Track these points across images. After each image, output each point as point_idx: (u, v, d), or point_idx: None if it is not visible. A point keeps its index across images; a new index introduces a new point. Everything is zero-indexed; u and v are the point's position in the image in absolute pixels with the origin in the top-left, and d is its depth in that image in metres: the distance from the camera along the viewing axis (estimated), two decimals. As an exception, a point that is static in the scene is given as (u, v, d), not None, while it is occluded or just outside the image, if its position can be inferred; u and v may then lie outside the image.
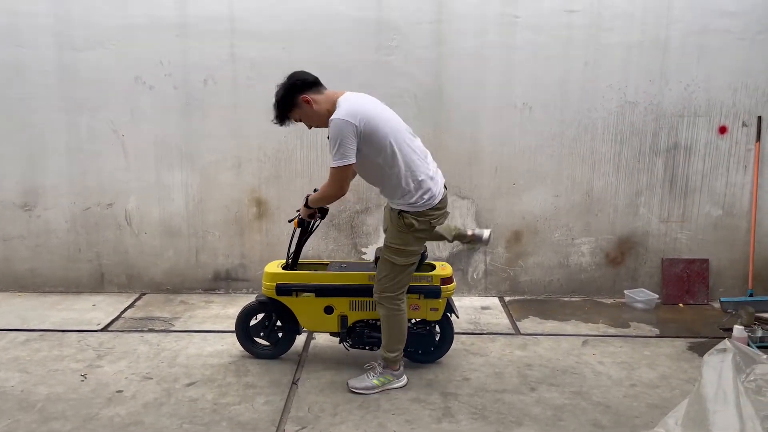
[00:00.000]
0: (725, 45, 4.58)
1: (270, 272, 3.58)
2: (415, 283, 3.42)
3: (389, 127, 3.01)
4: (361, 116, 2.93)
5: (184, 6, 4.59)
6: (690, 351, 3.89)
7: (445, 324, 3.60)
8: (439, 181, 3.18)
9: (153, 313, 4.52)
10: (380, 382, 3.32)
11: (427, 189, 3.10)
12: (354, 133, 2.91)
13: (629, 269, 4.93)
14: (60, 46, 4.64)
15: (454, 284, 3.55)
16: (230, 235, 4.92)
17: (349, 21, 4.59)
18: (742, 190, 4.78)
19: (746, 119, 4.69)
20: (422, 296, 3.47)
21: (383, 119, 3.01)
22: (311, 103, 3.05)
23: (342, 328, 3.57)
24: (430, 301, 3.48)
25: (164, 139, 4.79)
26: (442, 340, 3.63)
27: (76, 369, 3.56)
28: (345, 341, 3.61)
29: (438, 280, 3.47)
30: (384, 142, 2.99)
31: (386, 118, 3.05)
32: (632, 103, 4.68)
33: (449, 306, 3.56)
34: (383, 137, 2.98)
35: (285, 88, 3.08)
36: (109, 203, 4.88)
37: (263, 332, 3.69)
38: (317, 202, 3.28)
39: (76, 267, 4.97)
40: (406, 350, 3.54)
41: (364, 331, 3.56)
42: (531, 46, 4.61)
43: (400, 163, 3.03)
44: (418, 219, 3.12)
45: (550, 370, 3.59)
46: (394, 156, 3.02)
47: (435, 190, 3.13)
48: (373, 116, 2.96)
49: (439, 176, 3.21)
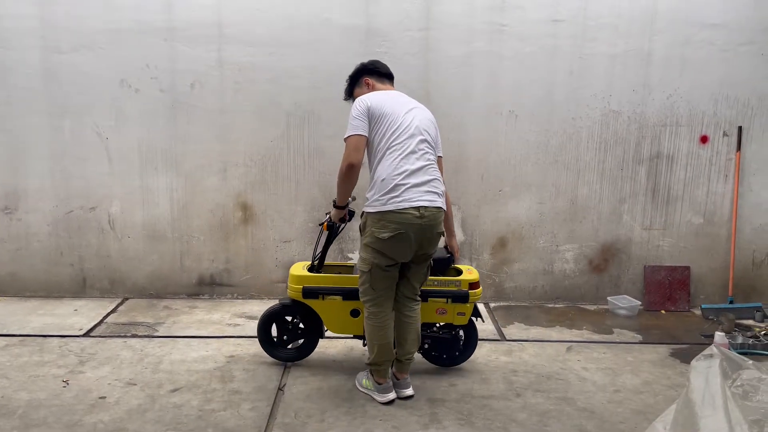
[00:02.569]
0: (708, 56, 4.67)
1: (296, 275, 3.55)
2: (442, 288, 3.44)
3: (392, 121, 3.06)
4: (374, 101, 3.09)
5: (172, 10, 4.57)
6: (672, 357, 3.94)
7: (470, 328, 3.61)
8: (412, 198, 3.01)
9: (136, 318, 4.47)
10: (366, 385, 3.35)
11: (387, 192, 3.01)
12: (363, 111, 3.06)
13: (612, 276, 4.98)
14: (45, 49, 4.60)
15: (481, 289, 3.56)
16: (215, 239, 4.89)
17: (338, 28, 4.60)
18: (723, 198, 4.86)
19: (727, 129, 4.78)
20: (450, 300, 3.46)
21: (391, 112, 3.08)
22: (370, 86, 3.29)
23: None
24: (458, 306, 3.47)
25: (149, 143, 4.75)
26: (467, 345, 3.64)
27: (57, 375, 3.50)
28: None
29: (466, 284, 3.47)
30: (381, 131, 3.06)
31: (395, 113, 3.09)
32: (616, 112, 4.75)
33: (475, 310, 3.57)
34: (382, 127, 3.06)
35: (358, 67, 3.34)
36: (92, 207, 4.82)
37: (286, 335, 3.67)
38: (338, 189, 3.19)
39: (58, 271, 4.90)
40: (432, 354, 3.56)
41: None
42: (517, 55, 4.66)
43: (384, 157, 3.04)
44: (367, 221, 3.10)
45: (535, 376, 3.62)
46: (383, 149, 3.05)
47: (397, 200, 2.99)
48: (383, 105, 3.09)
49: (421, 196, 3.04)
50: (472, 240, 4.92)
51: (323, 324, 3.59)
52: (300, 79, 4.66)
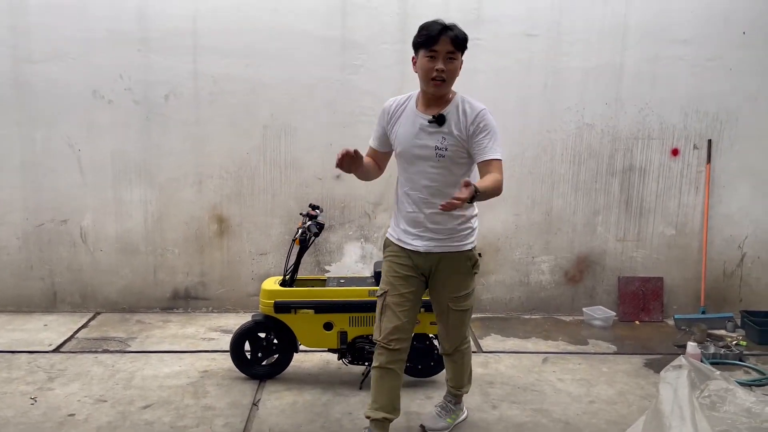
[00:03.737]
0: (677, 71, 4.76)
1: (268, 289, 3.52)
2: None
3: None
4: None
5: (146, 20, 4.53)
6: (646, 367, 3.98)
7: None
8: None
9: (108, 333, 4.39)
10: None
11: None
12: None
13: (587, 287, 5.03)
14: (15, 59, 4.53)
15: None
16: (190, 252, 4.84)
17: (315, 39, 4.60)
18: (694, 210, 4.94)
19: (697, 142, 4.87)
20: (423, 310, 3.45)
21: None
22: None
23: (342, 345, 3.52)
24: (430, 315, 3.46)
25: (123, 155, 4.69)
26: None
27: (25, 392, 3.42)
28: (344, 357, 3.56)
29: None
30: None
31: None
32: (589, 125, 4.81)
33: None
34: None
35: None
36: (64, 219, 4.74)
37: (260, 352, 3.62)
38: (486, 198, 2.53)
39: (28, 285, 4.80)
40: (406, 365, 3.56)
41: (364, 347, 3.50)
42: (492, 68, 4.71)
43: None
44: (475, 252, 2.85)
45: (511, 387, 3.62)
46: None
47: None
48: None
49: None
50: (449, 252, 4.93)
51: (297, 338, 3.56)
52: (276, 91, 4.65)
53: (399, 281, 2.75)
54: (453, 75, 2.61)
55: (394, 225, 2.83)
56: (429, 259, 2.74)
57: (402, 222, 2.77)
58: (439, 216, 2.65)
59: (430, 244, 2.72)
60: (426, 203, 2.68)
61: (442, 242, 2.72)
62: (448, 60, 2.57)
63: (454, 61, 2.58)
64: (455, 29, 2.56)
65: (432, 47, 2.54)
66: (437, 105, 2.66)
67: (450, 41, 2.53)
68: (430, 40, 2.53)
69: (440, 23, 2.55)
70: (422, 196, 2.68)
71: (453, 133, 2.61)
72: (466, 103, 2.66)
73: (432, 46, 2.54)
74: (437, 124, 2.61)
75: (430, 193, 2.66)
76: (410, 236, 2.74)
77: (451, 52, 2.55)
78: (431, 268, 2.76)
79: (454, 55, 2.57)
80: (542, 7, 4.66)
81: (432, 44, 2.53)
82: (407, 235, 2.75)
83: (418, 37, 2.59)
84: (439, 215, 2.64)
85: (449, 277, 2.77)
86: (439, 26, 2.54)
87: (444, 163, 2.62)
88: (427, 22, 2.59)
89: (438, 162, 2.62)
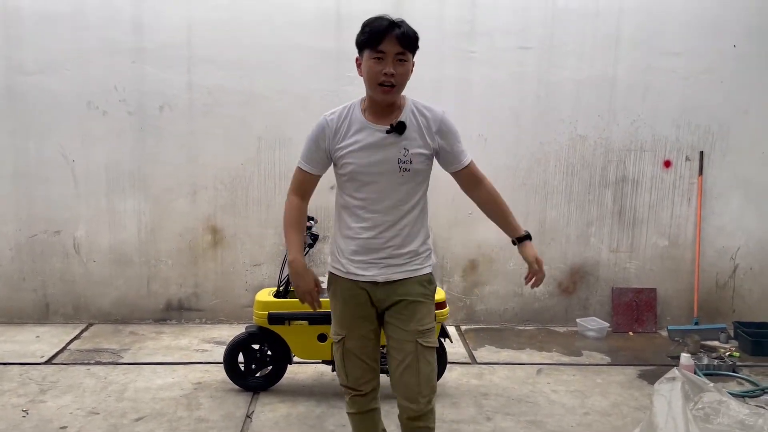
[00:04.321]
0: (669, 84, 4.80)
1: (261, 301, 3.51)
2: None
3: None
4: None
5: (141, 31, 4.55)
6: (640, 379, 3.98)
7: (438, 349, 3.58)
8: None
9: (100, 344, 4.36)
10: None
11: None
12: None
13: (581, 298, 5.04)
14: (9, 69, 4.53)
15: (448, 309, 3.54)
16: (183, 263, 4.82)
17: (309, 51, 4.62)
18: (687, 221, 4.97)
19: (689, 154, 4.90)
20: None
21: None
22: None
23: None
24: None
25: (117, 166, 4.69)
26: None
27: (17, 404, 3.39)
28: None
29: None
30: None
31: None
32: (582, 137, 4.84)
33: (443, 331, 3.53)
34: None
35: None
36: (57, 230, 4.72)
37: (254, 364, 3.61)
38: None
39: (20, 297, 4.77)
40: None
41: None
42: (486, 81, 4.74)
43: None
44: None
45: (505, 399, 3.62)
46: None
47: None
48: None
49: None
50: (443, 263, 4.93)
51: (291, 350, 3.55)
52: (271, 102, 4.66)
53: (356, 322, 2.37)
54: (404, 79, 2.25)
55: (338, 256, 2.39)
56: (387, 290, 2.33)
57: (350, 251, 2.34)
58: (401, 238, 2.32)
59: (389, 272, 2.32)
60: (388, 226, 2.31)
61: (402, 267, 2.34)
62: (397, 62, 2.20)
63: (405, 63, 2.23)
64: (404, 26, 2.20)
65: (378, 47, 2.17)
66: (389, 113, 2.30)
67: (397, 40, 2.17)
68: (374, 39, 2.17)
69: (387, 19, 2.19)
70: (385, 218, 2.30)
71: (415, 141, 2.29)
72: (422, 108, 2.35)
73: (377, 46, 2.17)
74: (397, 133, 2.26)
75: (392, 214, 2.31)
76: (363, 265, 2.33)
77: (401, 53, 2.19)
78: (389, 301, 2.35)
79: (404, 56, 2.21)
80: (535, 19, 4.70)
81: (377, 44, 2.17)
82: (359, 265, 2.33)
83: (361, 35, 2.22)
84: (400, 237, 2.32)
85: (414, 307, 2.33)
86: (386, 22, 2.18)
87: (408, 177, 2.29)
88: (371, 17, 2.23)
89: (402, 177, 2.28)
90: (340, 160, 2.32)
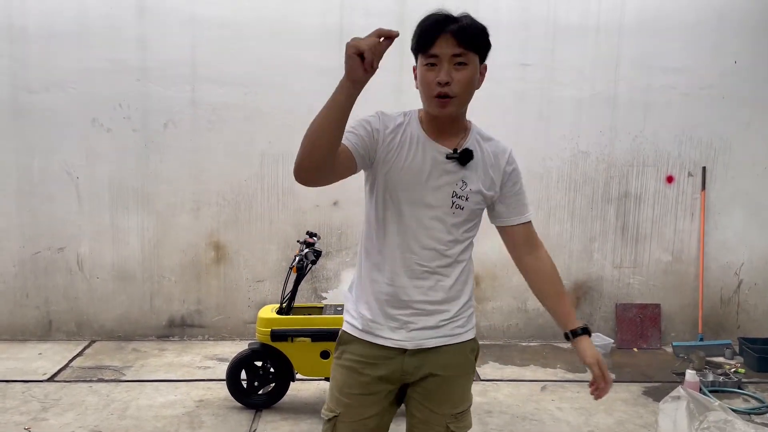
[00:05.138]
0: (670, 100, 4.82)
1: (264, 317, 3.51)
2: None
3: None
4: None
5: (145, 50, 4.59)
6: (645, 396, 3.96)
7: None
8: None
9: (103, 361, 4.35)
10: None
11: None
12: None
13: (585, 314, 5.02)
14: (14, 87, 4.56)
15: None
16: (186, 280, 4.82)
17: (312, 68, 4.65)
18: (690, 237, 4.96)
19: (692, 170, 4.91)
20: None
21: None
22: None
23: None
24: None
25: (120, 182, 4.71)
26: None
27: (19, 422, 3.38)
28: None
29: None
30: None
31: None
32: (584, 153, 4.86)
33: None
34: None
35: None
36: (61, 247, 4.73)
37: (256, 381, 3.60)
38: None
39: (23, 313, 4.77)
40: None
41: None
42: (488, 97, 4.73)
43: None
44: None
45: (510, 416, 3.60)
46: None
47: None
48: None
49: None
50: (446, 279, 4.92)
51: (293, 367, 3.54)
52: (274, 119, 4.69)
53: (359, 401, 1.85)
54: (465, 89, 1.76)
55: (354, 308, 1.89)
56: (417, 361, 1.83)
57: (372, 303, 1.84)
58: (441, 292, 1.83)
59: (421, 336, 1.83)
60: (422, 272, 1.81)
61: (439, 330, 1.85)
62: (454, 67, 1.73)
63: (466, 67, 1.74)
64: (464, 20, 1.73)
65: (429, 51, 1.73)
66: (453, 134, 1.84)
67: (454, 38, 1.71)
68: (425, 40, 1.74)
69: (442, 14, 1.74)
70: (418, 261, 1.81)
71: (477, 177, 1.83)
72: (487, 138, 1.92)
73: (429, 48, 1.73)
74: (459, 162, 1.80)
75: (429, 258, 1.81)
76: (388, 324, 1.82)
77: (458, 55, 1.72)
78: (417, 375, 1.85)
79: (465, 57, 1.73)
80: (536, 37, 4.73)
81: (429, 46, 1.73)
82: (382, 324, 1.82)
83: (413, 37, 1.81)
84: (440, 290, 1.83)
85: (450, 385, 1.87)
86: (440, 17, 1.73)
87: (459, 216, 1.82)
88: (427, 14, 1.78)
89: (453, 214, 1.81)
90: (382, 171, 1.79)
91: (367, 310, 1.85)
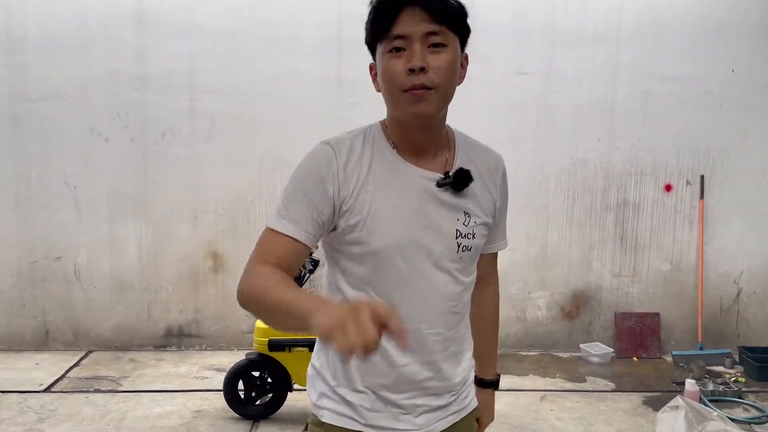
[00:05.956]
0: (668, 108, 4.83)
1: (261, 327, 3.50)
2: None
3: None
4: None
5: (144, 59, 4.59)
6: (645, 405, 3.94)
7: None
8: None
9: (100, 372, 4.33)
10: None
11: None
12: None
13: (584, 323, 5.00)
14: (12, 97, 4.56)
15: None
16: (184, 289, 4.81)
17: (310, 78, 4.66)
18: (689, 246, 4.95)
19: (690, 178, 4.91)
20: None
21: None
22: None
23: None
24: None
25: (119, 191, 4.70)
26: None
27: (14, 434, 3.36)
28: None
29: None
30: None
31: None
32: (583, 161, 4.85)
33: None
34: None
35: None
36: (58, 257, 4.72)
37: (254, 391, 3.58)
38: None
39: (19, 323, 4.75)
40: None
41: None
42: (485, 105, 4.76)
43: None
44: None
45: (509, 426, 3.57)
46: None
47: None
48: None
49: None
50: (445, 288, 4.91)
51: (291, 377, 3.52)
52: (272, 128, 4.69)
53: None
54: (447, 76, 1.32)
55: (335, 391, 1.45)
56: None
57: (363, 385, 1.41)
58: (448, 362, 1.43)
59: (431, 420, 1.44)
60: (441, 342, 1.40)
61: (448, 408, 1.47)
62: (430, 49, 1.28)
63: (445, 48, 1.29)
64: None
65: (392, 31, 1.26)
66: (435, 149, 1.41)
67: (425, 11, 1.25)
68: (384, 19, 1.27)
69: None
70: (432, 331, 1.39)
71: (478, 202, 1.42)
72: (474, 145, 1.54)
73: (391, 28, 1.26)
74: (453, 187, 1.37)
75: (443, 323, 1.40)
76: (393, 411, 1.40)
77: (434, 33, 1.27)
78: None
79: (442, 36, 1.28)
80: (534, 45, 4.74)
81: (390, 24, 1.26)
82: (385, 412, 1.40)
83: (367, 23, 1.33)
84: (447, 360, 1.42)
85: None
86: None
87: (466, 260, 1.41)
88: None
89: (460, 260, 1.39)
90: (353, 228, 1.34)
91: (353, 396, 1.40)
